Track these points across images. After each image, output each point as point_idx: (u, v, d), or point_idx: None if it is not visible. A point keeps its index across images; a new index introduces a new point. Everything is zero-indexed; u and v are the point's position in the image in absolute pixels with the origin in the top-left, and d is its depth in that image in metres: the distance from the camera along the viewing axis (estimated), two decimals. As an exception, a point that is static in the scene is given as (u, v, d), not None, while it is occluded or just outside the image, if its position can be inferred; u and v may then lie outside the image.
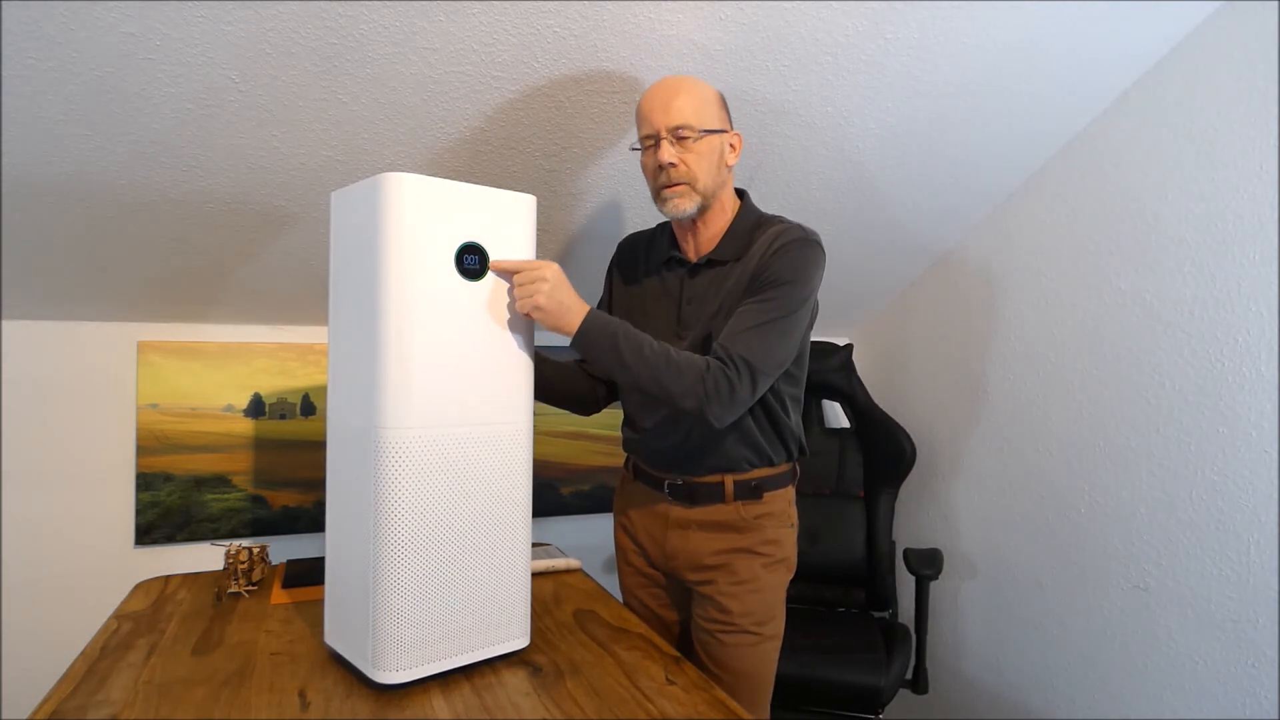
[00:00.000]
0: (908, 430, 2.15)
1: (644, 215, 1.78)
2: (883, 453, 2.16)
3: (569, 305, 1.16)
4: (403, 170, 1.06)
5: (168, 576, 1.56)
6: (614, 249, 1.56)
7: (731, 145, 1.31)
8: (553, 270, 1.14)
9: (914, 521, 2.30)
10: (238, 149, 1.38)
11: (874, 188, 1.85)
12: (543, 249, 1.79)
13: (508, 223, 1.13)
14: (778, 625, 1.37)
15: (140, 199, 1.44)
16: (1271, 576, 1.46)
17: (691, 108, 1.24)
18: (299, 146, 1.41)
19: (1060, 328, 1.84)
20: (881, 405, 2.26)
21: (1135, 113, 1.66)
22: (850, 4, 1.35)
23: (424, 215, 1.04)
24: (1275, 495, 1.45)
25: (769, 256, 1.25)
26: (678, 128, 1.23)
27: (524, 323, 1.17)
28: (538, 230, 1.22)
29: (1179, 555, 1.60)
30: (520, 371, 1.17)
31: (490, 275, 1.11)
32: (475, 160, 1.53)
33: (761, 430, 1.33)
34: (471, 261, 1.09)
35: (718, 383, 1.17)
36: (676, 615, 1.46)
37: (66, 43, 1.13)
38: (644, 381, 1.18)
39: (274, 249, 1.65)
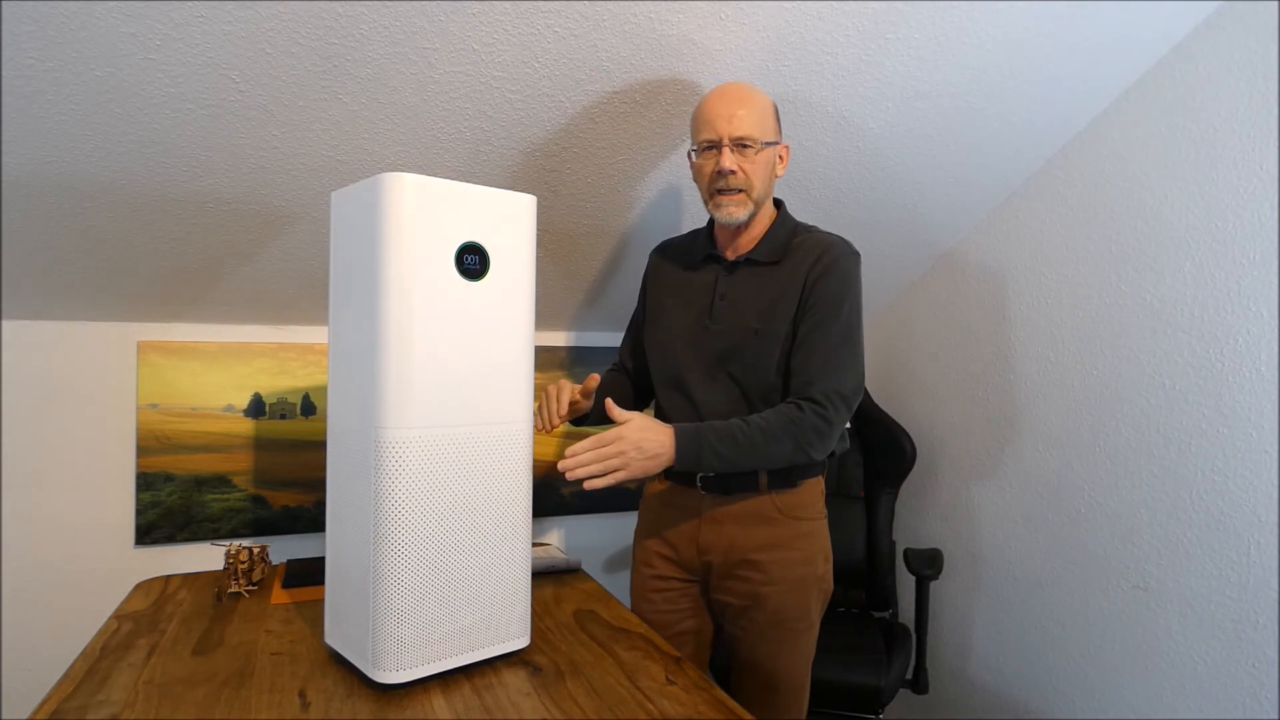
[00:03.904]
0: (908, 430, 2.15)
1: (645, 214, 1.78)
2: (883, 453, 2.16)
3: (655, 451, 1.20)
4: (403, 170, 1.06)
5: (168, 576, 1.56)
6: (614, 248, 1.57)
7: (781, 156, 1.38)
8: (628, 433, 1.18)
9: (914, 521, 2.30)
10: (238, 149, 1.38)
11: (874, 188, 1.85)
12: (542, 249, 1.79)
13: (508, 223, 1.13)
14: (813, 618, 1.38)
15: (140, 199, 1.44)
16: (1271, 576, 1.46)
17: (754, 119, 1.29)
18: (299, 146, 1.41)
19: (1060, 328, 1.84)
20: (881, 405, 2.26)
21: (1135, 112, 1.66)
22: (850, 4, 1.35)
23: (424, 215, 1.04)
24: (1275, 495, 1.45)
25: (820, 276, 1.31)
26: (741, 139, 1.28)
27: (524, 322, 1.17)
28: (538, 230, 1.23)
29: (1179, 555, 1.60)
30: (520, 371, 1.17)
31: (490, 275, 1.11)
32: (475, 160, 1.53)
33: None
34: (471, 261, 1.09)
35: (815, 427, 1.25)
36: (692, 624, 1.44)
37: (66, 43, 1.13)
38: (751, 464, 1.26)
39: (274, 249, 1.65)
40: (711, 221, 1.42)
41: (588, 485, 1.16)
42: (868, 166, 1.77)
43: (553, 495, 2.19)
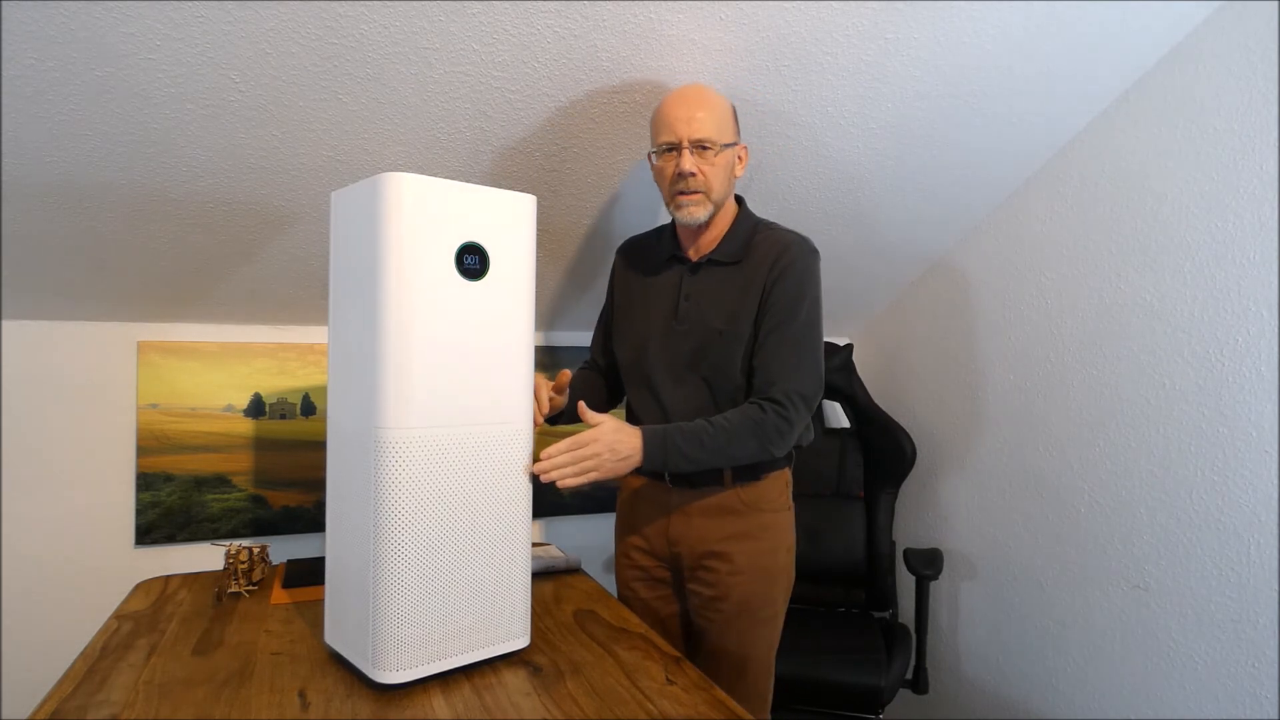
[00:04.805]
0: (908, 430, 2.15)
1: (644, 214, 1.78)
2: (883, 453, 2.16)
3: (625, 454, 1.24)
4: (403, 170, 1.06)
5: (168, 576, 1.56)
6: (614, 248, 1.56)
7: (740, 157, 1.40)
8: (602, 435, 1.21)
9: (914, 521, 2.30)
10: (238, 149, 1.38)
11: (875, 187, 1.85)
12: (542, 249, 1.79)
13: (508, 223, 1.13)
14: (777, 607, 1.41)
15: (140, 199, 1.44)
16: (1271, 576, 1.45)
17: (713, 122, 1.31)
18: (299, 146, 1.41)
19: (1060, 328, 1.84)
20: (881, 405, 2.26)
21: (1135, 112, 1.66)
22: (850, 4, 1.35)
23: (424, 215, 1.04)
24: (1275, 495, 1.45)
25: (779, 278, 1.33)
26: (700, 140, 1.29)
27: (524, 322, 1.17)
28: (538, 230, 1.23)
29: (1179, 555, 1.60)
30: (520, 371, 1.17)
31: (490, 275, 1.11)
32: (475, 160, 1.53)
33: None
34: (471, 261, 1.09)
35: (776, 427, 1.29)
36: (675, 608, 1.48)
37: (66, 43, 1.13)
38: (717, 463, 1.30)
39: (274, 249, 1.65)
40: (675, 220, 1.43)
41: (560, 485, 1.19)
42: (868, 166, 1.77)
43: (553, 495, 2.19)
